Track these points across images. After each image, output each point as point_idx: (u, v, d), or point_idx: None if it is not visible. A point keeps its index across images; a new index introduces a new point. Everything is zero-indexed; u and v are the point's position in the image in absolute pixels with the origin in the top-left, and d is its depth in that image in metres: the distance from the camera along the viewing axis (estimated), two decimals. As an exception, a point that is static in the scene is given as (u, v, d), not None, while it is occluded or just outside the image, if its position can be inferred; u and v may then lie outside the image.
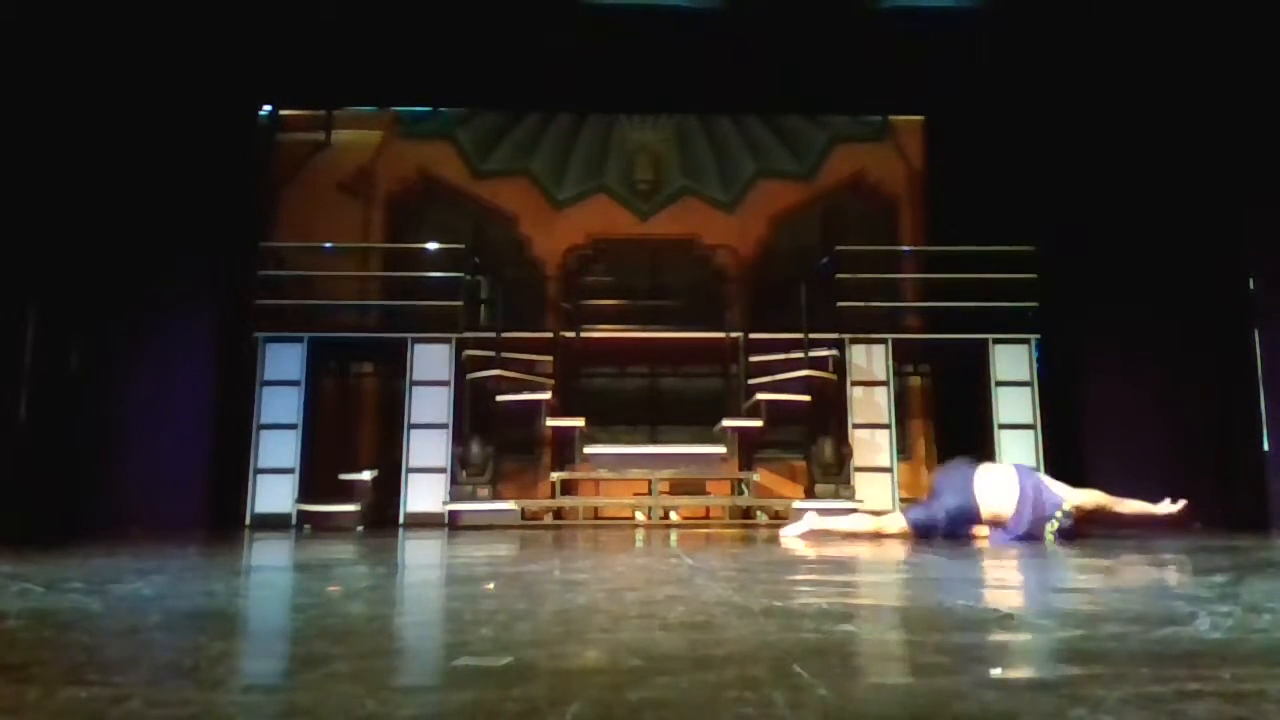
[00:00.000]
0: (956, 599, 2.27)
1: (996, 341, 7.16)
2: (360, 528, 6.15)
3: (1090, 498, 4.67)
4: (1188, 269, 6.52)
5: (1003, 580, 2.87)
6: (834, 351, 7.10)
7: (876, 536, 4.85)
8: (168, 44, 6.65)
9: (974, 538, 4.67)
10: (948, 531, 4.66)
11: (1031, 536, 4.47)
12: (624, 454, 6.90)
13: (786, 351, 7.14)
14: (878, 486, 6.87)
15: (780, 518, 6.54)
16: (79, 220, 6.35)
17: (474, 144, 9.60)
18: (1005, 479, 4.64)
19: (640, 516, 6.99)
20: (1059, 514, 4.50)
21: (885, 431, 7.09)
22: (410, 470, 6.88)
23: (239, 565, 3.63)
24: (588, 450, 6.68)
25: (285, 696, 1.26)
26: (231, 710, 1.17)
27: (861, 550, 4.22)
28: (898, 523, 4.86)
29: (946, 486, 4.80)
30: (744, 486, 6.76)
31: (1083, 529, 4.60)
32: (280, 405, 6.95)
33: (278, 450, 6.85)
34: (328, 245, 8.44)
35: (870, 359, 7.23)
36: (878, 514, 5.28)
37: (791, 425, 7.73)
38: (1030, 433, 6.99)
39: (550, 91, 8.47)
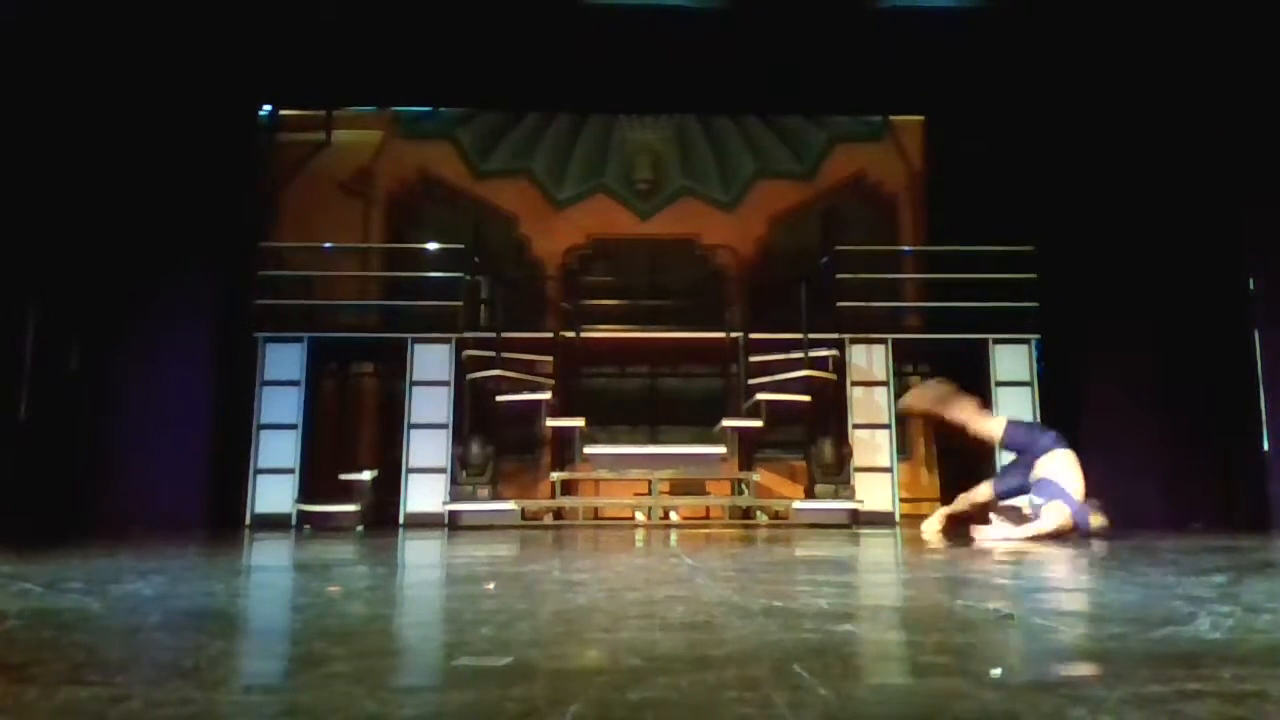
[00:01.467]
0: (956, 599, 2.27)
1: (996, 341, 7.15)
2: (360, 528, 6.15)
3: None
4: (1188, 269, 6.51)
5: (1003, 580, 2.87)
6: (834, 351, 7.10)
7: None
8: (168, 44, 6.64)
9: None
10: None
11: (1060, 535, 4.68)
12: (624, 454, 6.90)
13: (786, 351, 7.13)
14: (878, 486, 6.87)
15: (781, 518, 6.54)
16: (79, 221, 6.34)
17: (474, 144, 9.60)
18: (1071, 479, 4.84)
19: (640, 516, 6.99)
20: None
21: (885, 431, 7.09)
22: (410, 470, 6.89)
23: (239, 565, 3.63)
24: (588, 450, 6.67)
25: (285, 696, 1.26)
26: (231, 710, 1.17)
27: (861, 550, 4.22)
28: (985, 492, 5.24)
29: (1039, 435, 5.19)
30: (744, 486, 6.76)
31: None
32: (280, 405, 6.95)
33: (278, 450, 6.85)
34: (328, 245, 8.44)
35: (870, 359, 7.23)
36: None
37: (791, 425, 7.73)
38: (1030, 433, 6.97)
39: (550, 91, 8.47)
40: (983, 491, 5.31)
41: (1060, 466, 4.85)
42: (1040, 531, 4.70)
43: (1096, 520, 4.83)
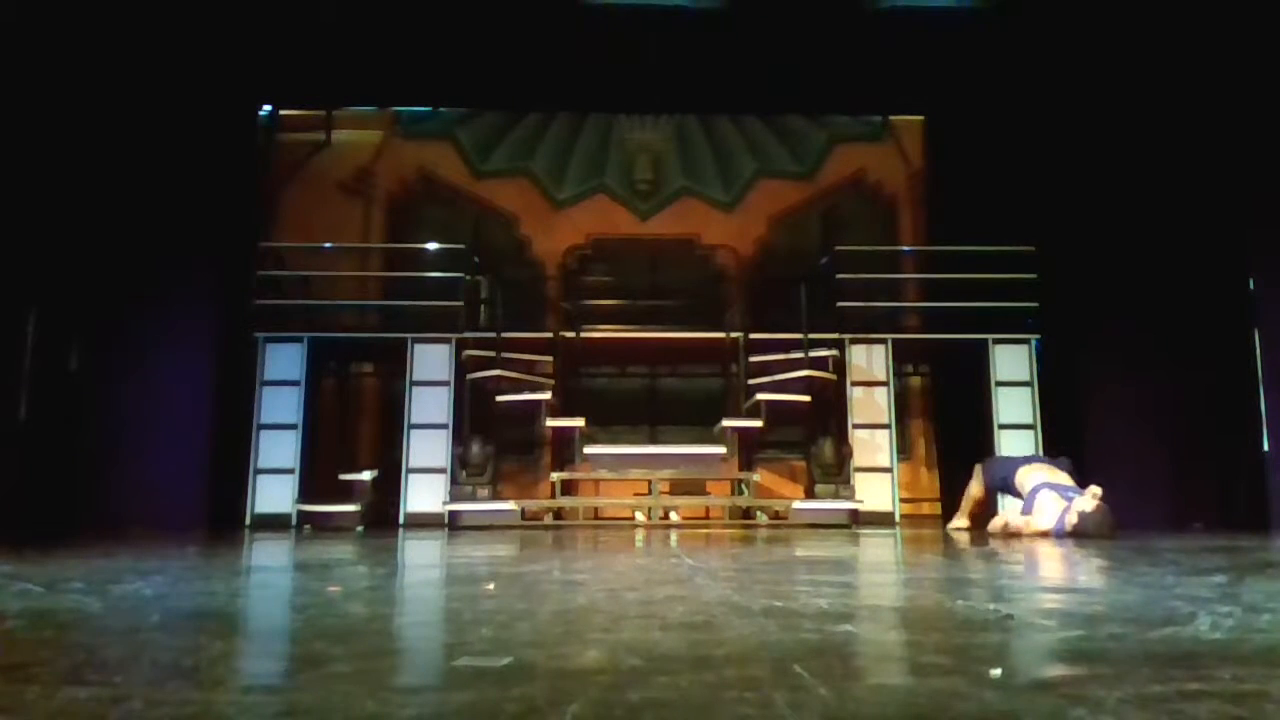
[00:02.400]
0: (956, 599, 2.27)
1: (996, 341, 7.15)
2: (360, 528, 6.15)
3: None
4: (1188, 269, 6.51)
5: (1003, 580, 2.88)
6: (834, 351, 7.10)
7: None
8: (168, 44, 6.64)
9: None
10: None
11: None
12: (624, 454, 6.90)
13: (786, 351, 7.14)
14: (878, 486, 6.86)
15: (780, 518, 6.55)
16: (79, 221, 6.34)
17: (474, 144, 9.60)
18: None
19: (640, 517, 6.99)
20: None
21: (885, 431, 7.09)
22: (410, 470, 6.88)
23: (239, 565, 3.63)
24: (588, 450, 6.67)
25: (285, 696, 1.26)
26: (231, 710, 1.17)
27: (861, 550, 4.22)
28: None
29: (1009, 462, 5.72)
30: (744, 486, 6.76)
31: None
32: (280, 405, 6.94)
33: (278, 450, 6.85)
34: (328, 245, 8.44)
35: (870, 359, 7.22)
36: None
37: (791, 425, 7.73)
38: (1030, 433, 6.99)
39: (550, 91, 8.47)
40: (974, 489, 5.75)
41: (1038, 473, 5.20)
42: (1037, 528, 4.79)
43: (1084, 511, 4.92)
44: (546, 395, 6.88)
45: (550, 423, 6.89)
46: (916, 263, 8.97)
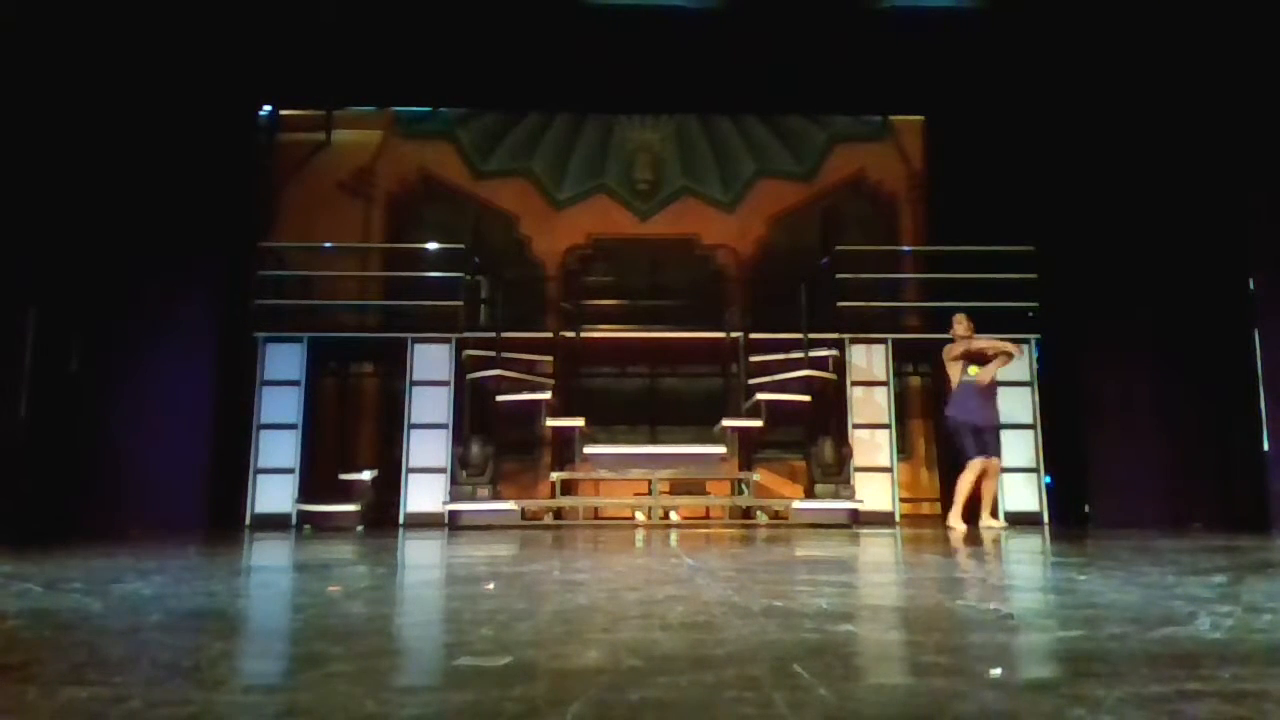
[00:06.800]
0: (956, 599, 2.27)
1: (997, 341, 7.14)
2: (360, 528, 6.15)
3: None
4: (1188, 269, 6.51)
5: (1002, 580, 2.88)
6: (834, 351, 7.10)
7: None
8: (168, 44, 6.64)
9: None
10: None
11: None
12: (624, 454, 6.90)
13: (786, 351, 7.14)
14: (878, 486, 6.86)
15: (780, 518, 6.55)
16: (80, 221, 6.34)
17: (474, 144, 9.60)
18: None
19: (640, 516, 6.99)
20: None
21: (885, 431, 7.09)
22: (410, 470, 6.89)
23: (239, 565, 3.63)
24: (588, 450, 6.67)
25: (285, 696, 1.26)
26: (231, 710, 1.17)
27: (861, 550, 4.22)
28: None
29: None
30: (744, 486, 6.76)
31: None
32: (280, 405, 6.95)
33: (278, 450, 6.85)
34: (328, 245, 8.44)
35: (870, 359, 7.22)
36: None
37: (791, 425, 7.73)
38: (1030, 433, 6.99)
39: (550, 91, 8.47)
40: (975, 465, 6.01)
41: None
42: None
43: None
44: (546, 395, 6.88)
45: (550, 423, 6.89)
46: (916, 262, 8.97)
